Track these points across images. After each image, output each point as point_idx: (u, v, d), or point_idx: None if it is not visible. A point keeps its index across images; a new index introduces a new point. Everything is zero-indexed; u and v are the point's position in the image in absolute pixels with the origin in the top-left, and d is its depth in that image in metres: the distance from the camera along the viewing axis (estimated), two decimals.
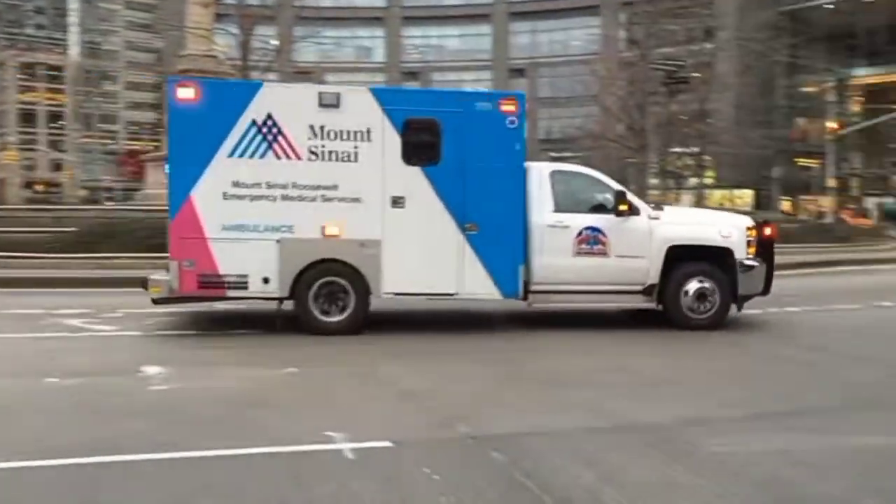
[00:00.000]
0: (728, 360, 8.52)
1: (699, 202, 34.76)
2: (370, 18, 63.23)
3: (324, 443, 5.25)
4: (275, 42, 30.00)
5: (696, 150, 35.09)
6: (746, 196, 49.75)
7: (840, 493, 4.55)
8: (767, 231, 10.33)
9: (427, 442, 5.38)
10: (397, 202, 9.23)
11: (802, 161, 50.70)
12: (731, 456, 5.15)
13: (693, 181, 37.38)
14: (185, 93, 8.93)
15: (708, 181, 40.86)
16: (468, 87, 66.54)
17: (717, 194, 45.19)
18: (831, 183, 40.15)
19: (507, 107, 9.39)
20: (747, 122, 40.55)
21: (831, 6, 54.95)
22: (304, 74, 51.33)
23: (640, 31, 33.77)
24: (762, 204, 47.42)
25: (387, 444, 5.28)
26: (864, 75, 57.84)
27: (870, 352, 8.95)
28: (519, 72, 62.20)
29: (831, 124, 40.80)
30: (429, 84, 64.98)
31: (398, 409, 6.29)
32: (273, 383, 7.12)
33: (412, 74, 64.79)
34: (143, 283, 9.50)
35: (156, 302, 9.55)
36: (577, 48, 57.69)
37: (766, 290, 10.19)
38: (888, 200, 48.85)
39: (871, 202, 49.65)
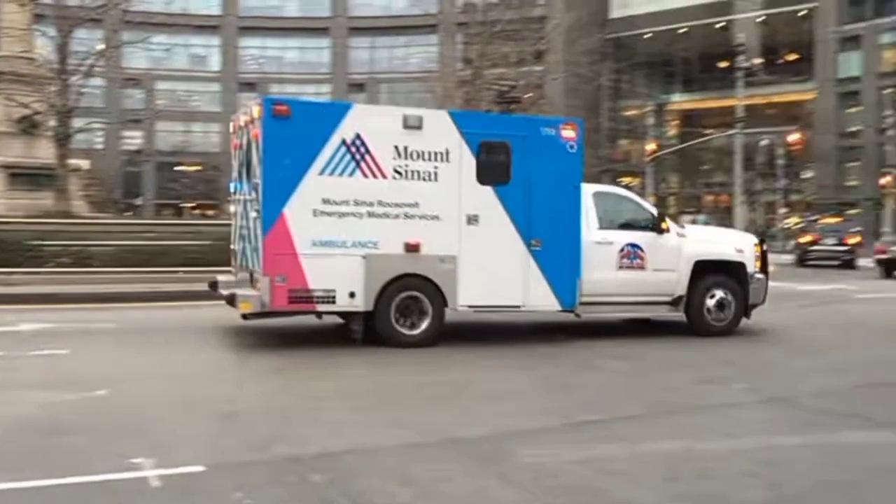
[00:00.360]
0: (545, 370, 8.75)
1: None
2: (205, 26, 61.31)
3: (128, 470, 4.92)
4: (100, 46, 28.50)
5: None
6: None
7: (645, 499, 4.73)
8: (764, 247, 11.75)
9: (243, 465, 5.16)
10: (472, 220, 9.72)
11: (625, 180, 53.60)
12: (545, 466, 5.26)
13: None
14: (281, 111, 9.06)
15: None
16: (306, 98, 66.01)
17: None
18: (651, 200, 42.64)
19: (568, 132, 10.18)
20: None
21: (651, 35, 58.62)
22: (131, 81, 49.20)
23: (475, 51, 34.63)
24: None
25: (198, 468, 5.01)
26: (680, 101, 62.08)
27: (674, 359, 9.49)
28: (359, 86, 62.24)
29: (650, 146, 43.41)
30: (266, 94, 63.80)
31: (216, 431, 6.00)
32: (78, 407, 6.63)
33: (250, 85, 63.32)
34: (230, 299, 9.43)
35: (246, 317, 9.70)
36: (415, 65, 58.37)
37: (763, 299, 11.42)
38: (701, 217, 52.46)
39: (686, 219, 53.16)
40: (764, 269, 11.46)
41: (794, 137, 44.13)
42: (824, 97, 54.19)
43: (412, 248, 9.47)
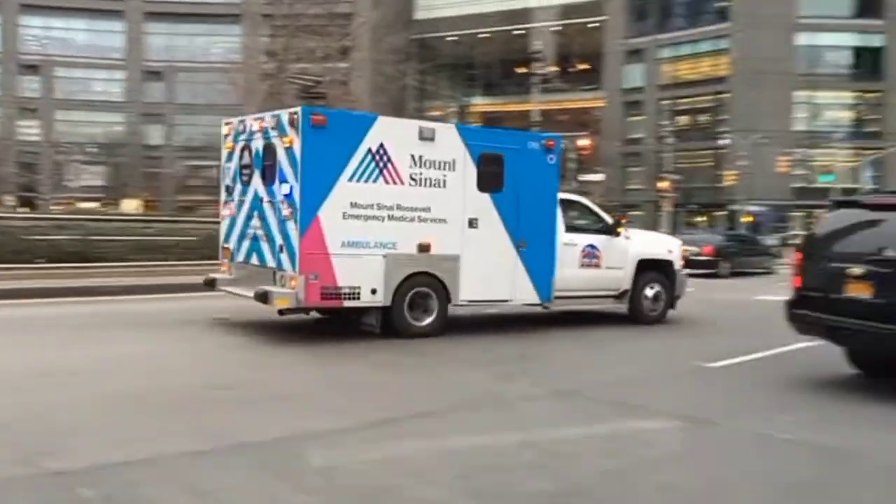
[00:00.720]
0: (343, 368, 8.63)
1: None
2: None
3: None
4: None
5: None
6: None
7: (437, 496, 4.73)
8: (684, 249, 13.77)
9: (2, 482, 4.65)
10: (472, 223, 10.75)
11: None
12: (339, 468, 5.16)
13: None
14: (319, 121, 9.63)
15: None
16: (99, 86, 61.99)
17: None
18: None
19: (550, 146, 11.47)
20: None
21: (455, 39, 60.11)
22: None
23: (280, 44, 33.90)
24: None
25: None
26: (482, 103, 64.13)
27: (476, 356, 9.64)
28: (155, 74, 59.24)
29: None
30: (51, 79, 59.20)
31: None
32: None
33: (32, 67, 58.58)
34: (263, 297, 9.76)
35: (282, 313, 10.18)
36: (217, 55, 56.23)
37: (683, 292, 13.35)
38: None
39: None
40: (684, 266, 13.48)
41: (584, 142, 46.79)
42: (611, 105, 57.96)
43: (424, 249, 10.39)
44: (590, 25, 58.73)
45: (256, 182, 10.48)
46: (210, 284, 11.30)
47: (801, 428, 6.62)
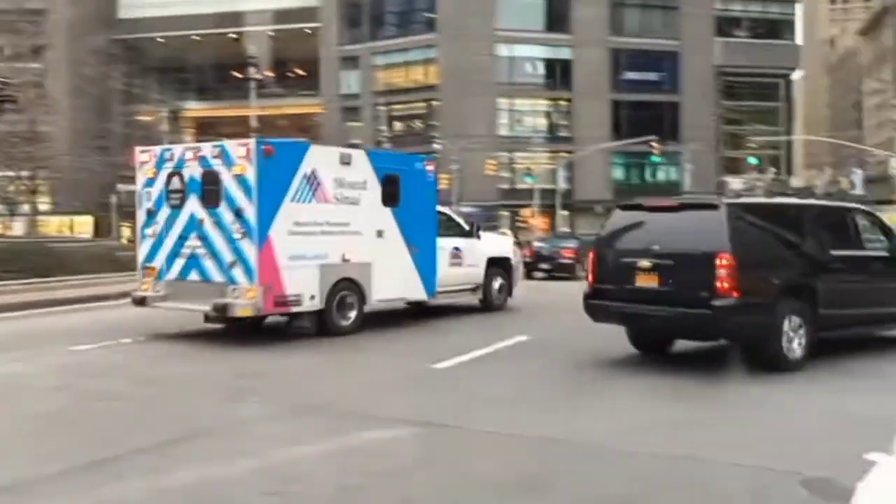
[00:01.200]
0: (54, 404, 7.72)
1: (34, 229, 32.60)
2: None
3: None
4: None
5: (27, 173, 32.77)
6: (87, 223, 48.45)
7: None
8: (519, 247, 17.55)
9: None
10: (380, 234, 12.62)
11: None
12: None
13: (26, 207, 34.93)
14: (268, 151, 10.94)
15: (43, 207, 38.66)
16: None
17: (56, 221, 43.01)
18: None
19: (430, 166, 14.09)
20: (83, 147, 39.50)
21: (162, 40, 57.24)
22: None
23: None
24: (102, 230, 46.71)
25: None
26: (196, 108, 61.67)
27: (202, 377, 9.14)
28: None
29: None
30: None
31: None
32: None
33: None
34: (223, 309, 10.89)
35: (242, 320, 11.42)
36: None
37: (517, 283, 16.39)
38: None
39: None
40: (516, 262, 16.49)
41: None
42: (330, 111, 58.35)
43: (346, 258, 11.95)
44: (305, 31, 58.62)
45: (193, 205, 11.42)
46: (141, 302, 12.06)
47: (532, 423, 6.92)
